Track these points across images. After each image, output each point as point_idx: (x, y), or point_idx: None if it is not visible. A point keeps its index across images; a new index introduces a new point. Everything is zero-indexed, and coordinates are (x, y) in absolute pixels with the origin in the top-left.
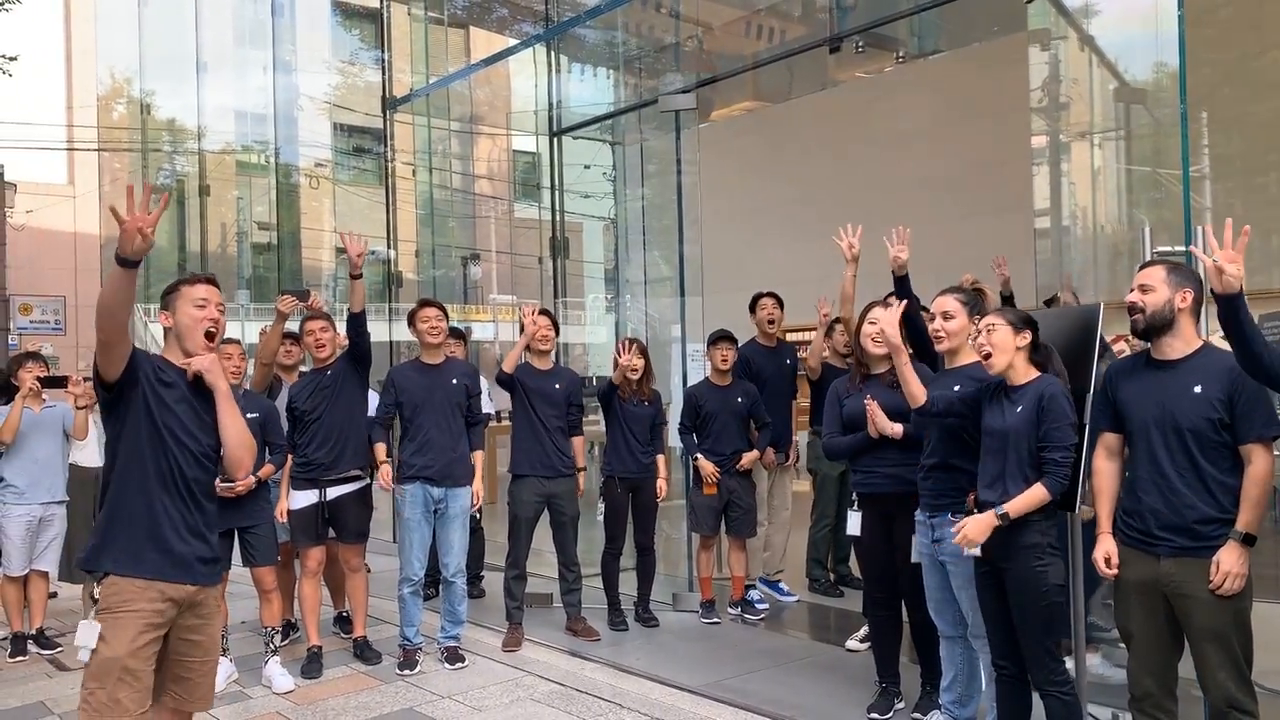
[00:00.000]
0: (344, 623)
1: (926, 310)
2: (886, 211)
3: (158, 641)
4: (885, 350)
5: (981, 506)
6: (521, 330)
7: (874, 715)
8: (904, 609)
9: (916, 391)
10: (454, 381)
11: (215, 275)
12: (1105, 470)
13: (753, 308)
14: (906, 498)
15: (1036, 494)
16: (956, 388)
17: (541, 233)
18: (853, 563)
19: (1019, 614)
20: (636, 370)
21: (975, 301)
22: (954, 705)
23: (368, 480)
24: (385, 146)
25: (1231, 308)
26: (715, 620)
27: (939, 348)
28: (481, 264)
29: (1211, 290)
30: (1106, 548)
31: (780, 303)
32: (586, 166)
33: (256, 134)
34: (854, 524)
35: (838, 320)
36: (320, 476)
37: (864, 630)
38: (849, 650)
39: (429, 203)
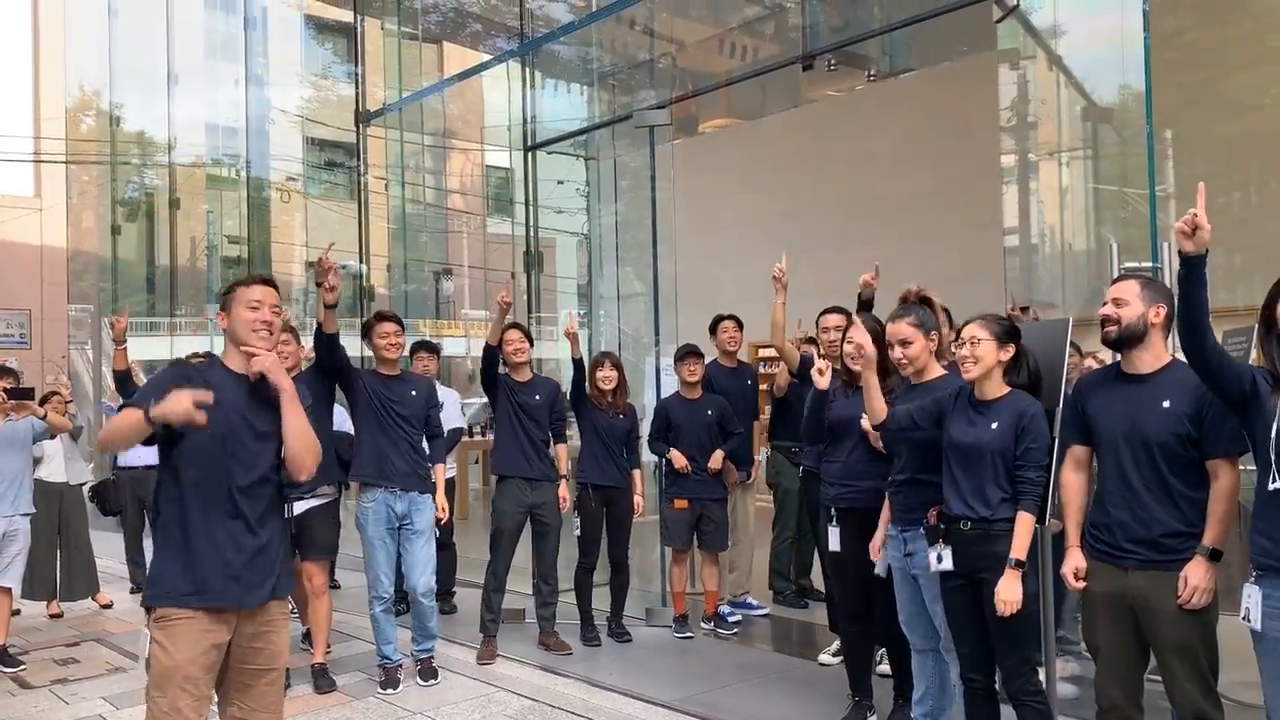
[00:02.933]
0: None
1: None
2: (857, 228)
3: (220, 650)
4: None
5: (948, 520)
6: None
7: None
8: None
9: (877, 407)
10: (412, 393)
11: (272, 278)
12: (1073, 484)
13: (714, 330)
14: (879, 511)
15: (1026, 524)
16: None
17: (515, 248)
18: (814, 576)
19: (996, 626)
20: (610, 380)
21: (926, 317)
22: (926, 718)
23: (336, 495)
24: (358, 160)
25: (1198, 269)
26: (688, 635)
27: (905, 373)
28: (454, 279)
29: (1179, 250)
30: (1075, 562)
31: (740, 325)
32: (560, 182)
33: (228, 147)
34: (834, 539)
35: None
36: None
37: (836, 644)
38: (821, 665)
39: (401, 217)
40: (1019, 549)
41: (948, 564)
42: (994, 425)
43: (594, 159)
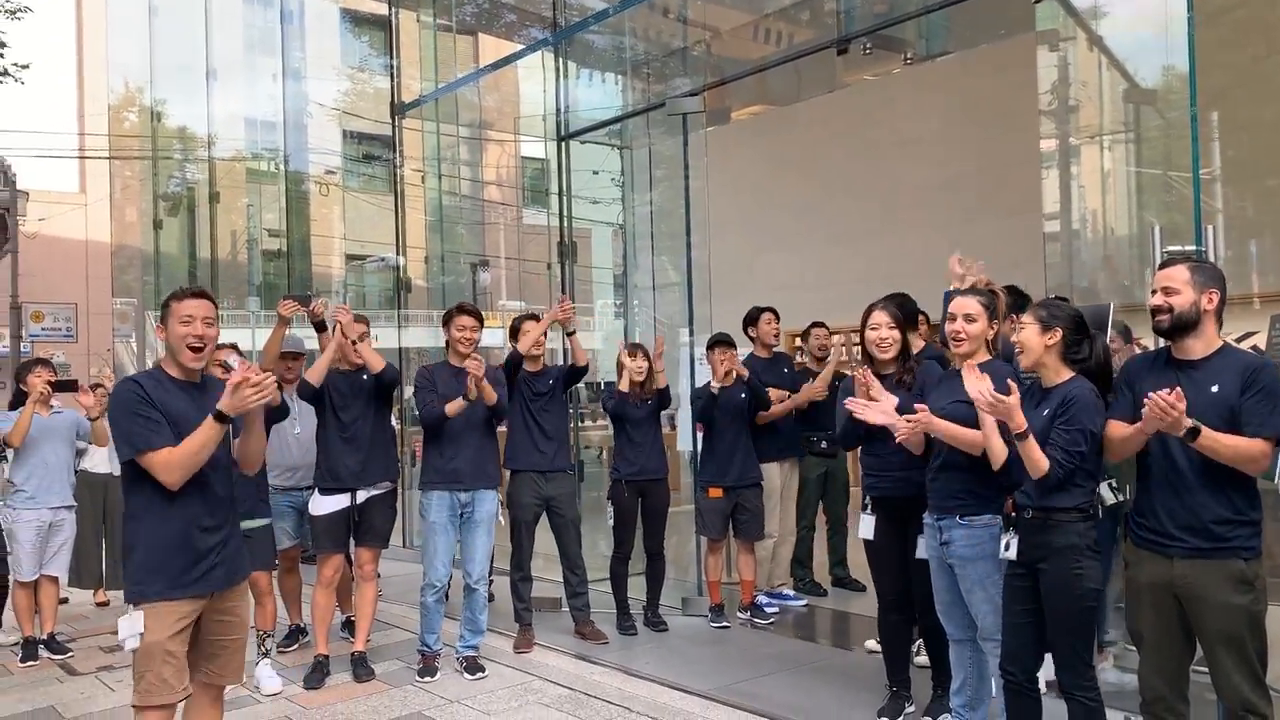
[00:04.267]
0: (352, 627)
1: (924, 314)
2: (893, 215)
3: (191, 624)
4: (892, 354)
5: (1019, 510)
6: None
7: (885, 719)
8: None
9: (1037, 460)
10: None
11: (205, 289)
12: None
13: (754, 321)
14: (918, 500)
15: (1042, 461)
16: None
17: (550, 238)
18: (851, 565)
19: (1053, 617)
20: (642, 372)
21: (994, 304)
22: (964, 709)
23: (394, 486)
24: (394, 153)
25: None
26: (724, 625)
27: (957, 350)
28: (490, 270)
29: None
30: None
31: (777, 316)
32: (595, 172)
33: (266, 141)
34: (866, 527)
35: (816, 324)
36: (351, 486)
37: None
38: (869, 652)
39: (438, 209)
40: (1019, 424)
41: (1012, 553)
42: (1044, 412)
43: (628, 148)
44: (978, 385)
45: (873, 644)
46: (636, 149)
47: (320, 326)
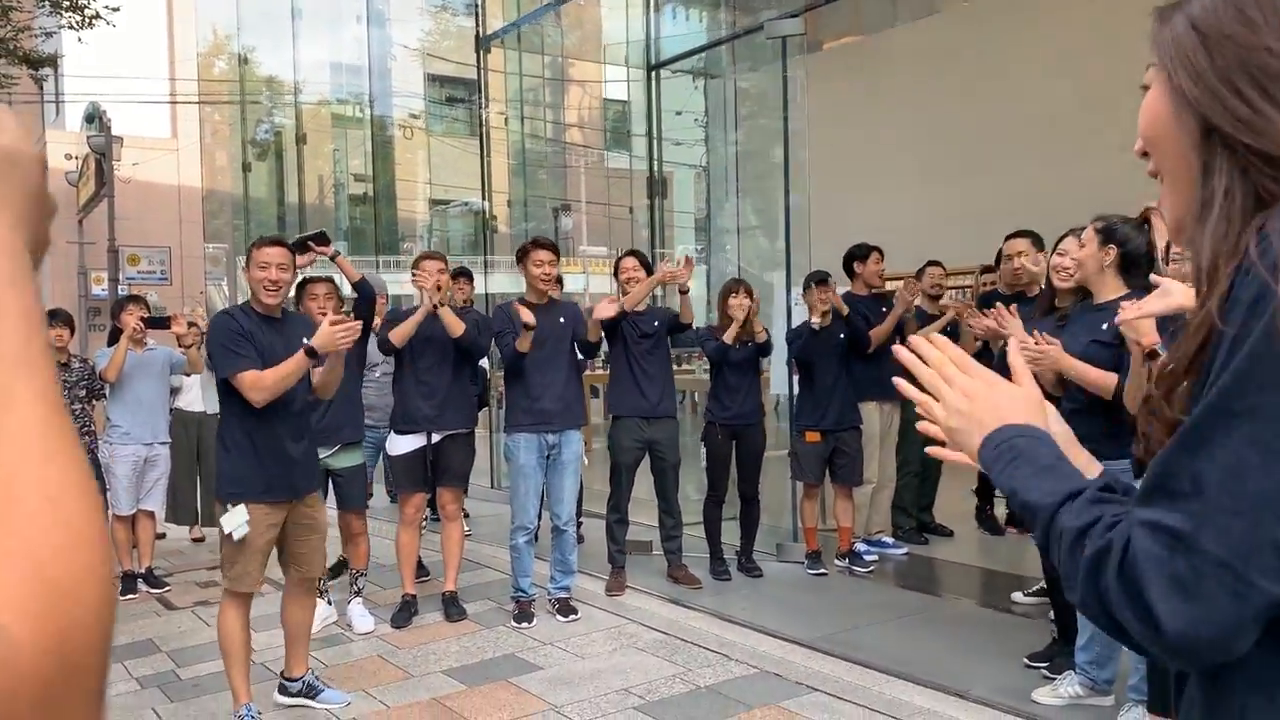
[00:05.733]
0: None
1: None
2: (998, 150)
3: (278, 528)
4: (1073, 284)
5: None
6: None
7: (1030, 662)
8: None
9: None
10: (561, 321)
11: (281, 237)
12: None
13: (864, 258)
14: None
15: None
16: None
17: (633, 182)
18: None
19: None
20: (743, 308)
21: (1120, 231)
22: (1090, 666)
23: (473, 427)
24: (479, 94)
25: None
26: (821, 571)
27: (1059, 283)
28: (572, 214)
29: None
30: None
31: (882, 255)
32: (678, 113)
33: (352, 86)
34: None
35: (932, 264)
36: (426, 429)
37: (1039, 585)
38: (1014, 603)
39: (521, 152)
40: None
41: None
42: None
43: (717, 77)
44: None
45: (1019, 596)
46: (724, 85)
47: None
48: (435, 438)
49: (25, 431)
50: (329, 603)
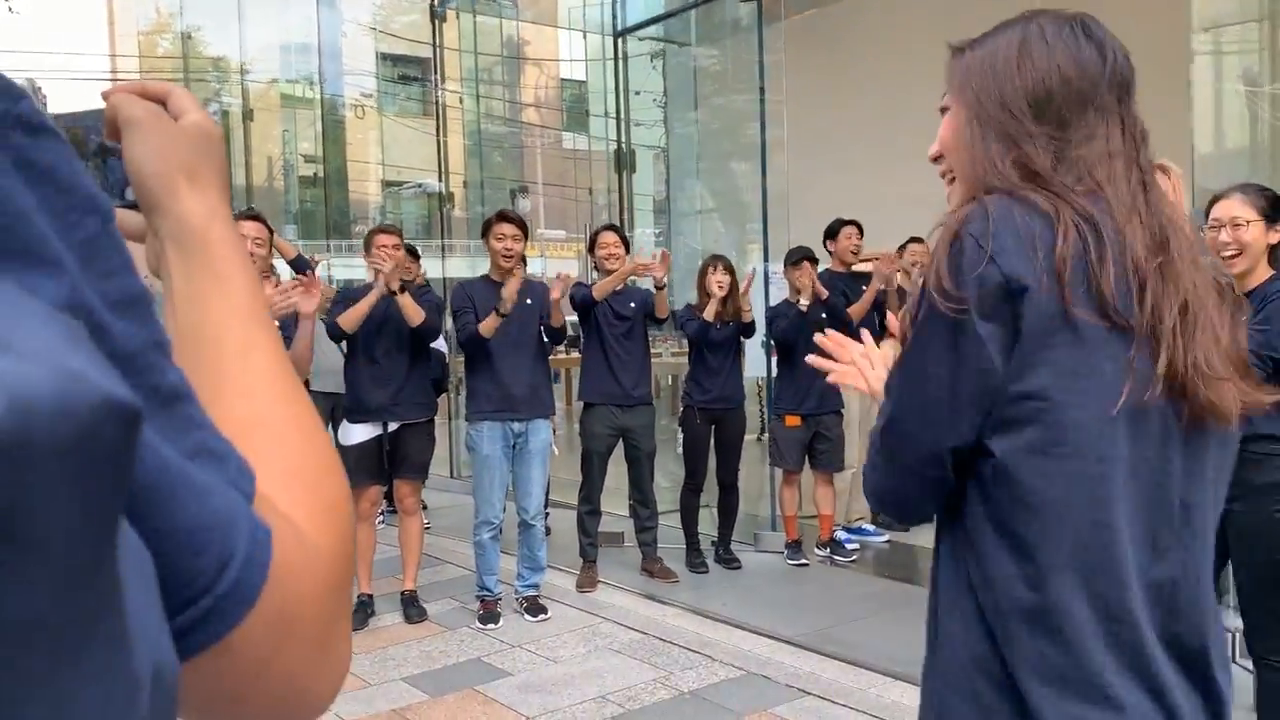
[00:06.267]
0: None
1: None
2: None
3: None
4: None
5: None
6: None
7: None
8: None
9: None
10: (528, 302)
11: (258, 211)
12: None
13: (834, 235)
14: None
15: None
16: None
17: (591, 163)
18: None
19: (1243, 569)
20: (724, 286)
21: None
22: None
23: (433, 414)
24: (434, 69)
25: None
26: (802, 562)
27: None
28: (529, 196)
29: None
30: None
31: (861, 231)
32: (637, 93)
33: (301, 64)
34: None
35: (915, 240)
36: (382, 418)
37: None
38: None
39: (477, 133)
40: None
41: None
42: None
43: (685, 45)
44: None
45: None
46: (680, 62)
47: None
48: (391, 427)
49: (273, 374)
50: None
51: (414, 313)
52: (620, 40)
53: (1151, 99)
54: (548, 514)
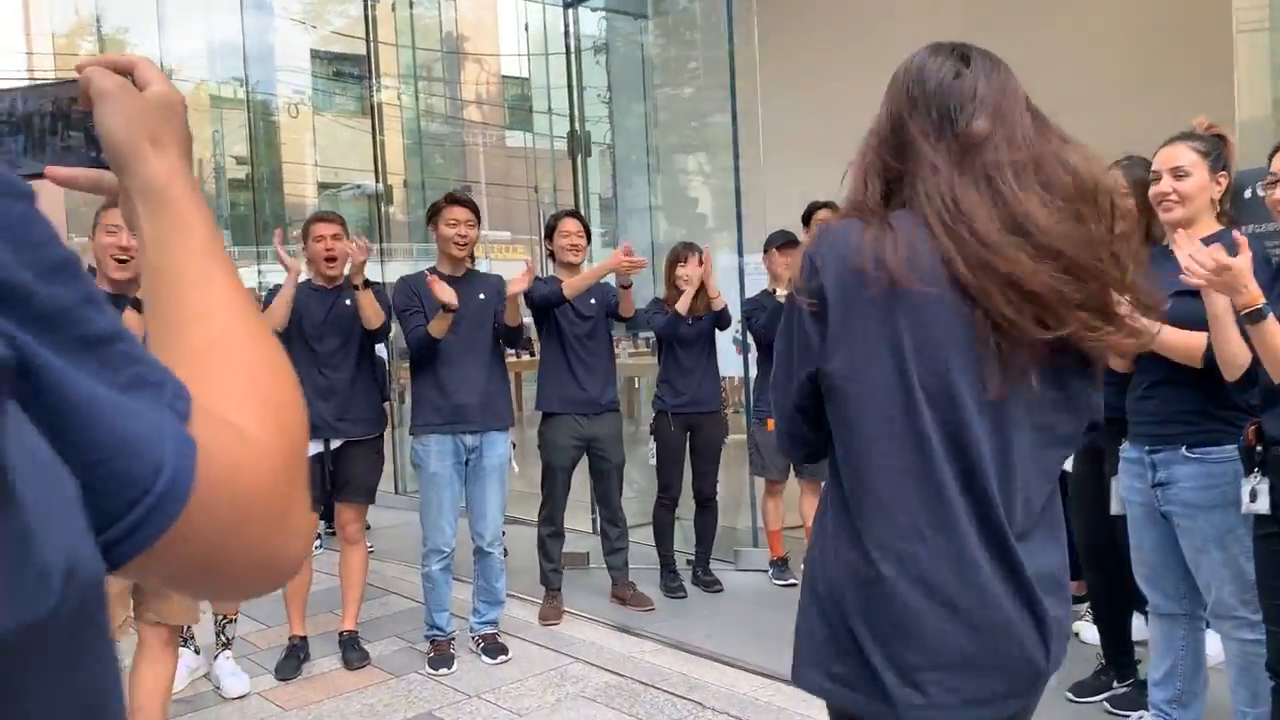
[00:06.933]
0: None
1: None
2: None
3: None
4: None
5: (1269, 443)
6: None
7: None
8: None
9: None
10: (482, 298)
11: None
12: None
13: (806, 220)
14: (1111, 424)
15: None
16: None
17: (536, 161)
18: None
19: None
20: (696, 277)
21: (1216, 148)
22: (1169, 705)
23: (380, 431)
24: (369, 58)
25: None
26: (791, 582)
27: (1168, 217)
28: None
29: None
30: None
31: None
32: (584, 88)
33: (230, 63)
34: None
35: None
36: (325, 435)
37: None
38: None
39: (416, 131)
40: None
41: (1263, 504)
42: None
43: (643, 18)
44: (1189, 248)
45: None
46: (623, 53)
47: None
48: (335, 444)
49: (228, 298)
50: (195, 650)
51: (374, 313)
52: (571, 11)
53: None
54: (504, 532)
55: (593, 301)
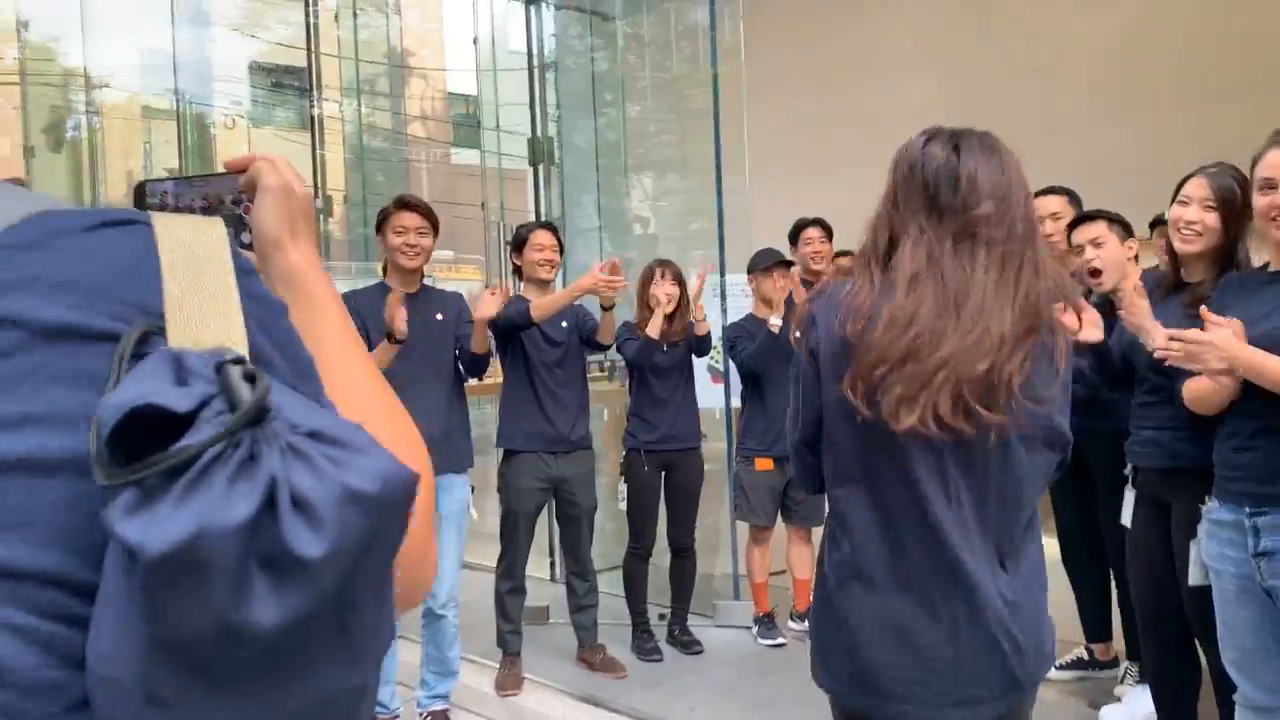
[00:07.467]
0: None
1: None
2: (1027, 110)
3: None
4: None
5: None
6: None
7: None
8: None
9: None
10: (439, 318)
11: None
12: None
13: (793, 239)
14: (1181, 475)
15: None
16: None
17: (485, 179)
18: None
19: None
20: (671, 299)
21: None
22: None
23: None
24: (310, 70)
25: None
26: (779, 641)
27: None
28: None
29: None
30: None
31: (829, 233)
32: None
33: (162, 74)
34: (1128, 511)
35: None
36: None
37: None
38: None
39: (359, 146)
40: None
41: None
42: None
43: (611, 19)
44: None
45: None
46: (569, 68)
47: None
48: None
49: (367, 371)
50: None
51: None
52: (535, 7)
53: None
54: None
55: (564, 325)
